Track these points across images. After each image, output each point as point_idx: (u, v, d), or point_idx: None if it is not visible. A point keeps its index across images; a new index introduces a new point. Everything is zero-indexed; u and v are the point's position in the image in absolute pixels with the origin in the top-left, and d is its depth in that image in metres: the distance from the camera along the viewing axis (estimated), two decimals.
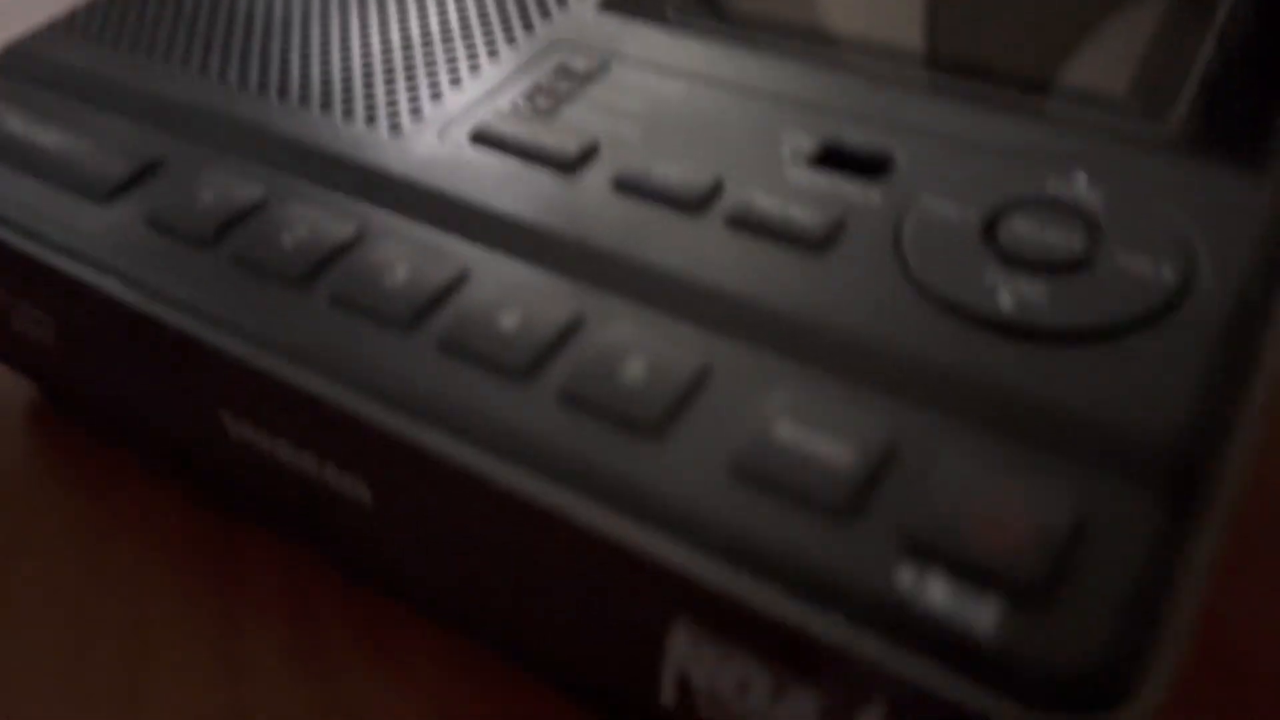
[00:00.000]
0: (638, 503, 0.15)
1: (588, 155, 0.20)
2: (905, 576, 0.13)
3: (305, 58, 0.24)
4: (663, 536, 0.14)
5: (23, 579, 0.23)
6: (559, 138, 0.20)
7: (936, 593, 0.13)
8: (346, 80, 0.23)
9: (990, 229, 0.18)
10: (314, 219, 0.19)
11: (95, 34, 0.26)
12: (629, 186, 0.19)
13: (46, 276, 0.20)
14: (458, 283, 0.18)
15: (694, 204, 0.19)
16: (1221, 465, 0.14)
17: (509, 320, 0.17)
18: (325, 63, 0.23)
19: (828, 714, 0.14)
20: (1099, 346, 0.16)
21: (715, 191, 0.19)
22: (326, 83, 0.23)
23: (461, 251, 0.18)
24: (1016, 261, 0.17)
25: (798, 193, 0.19)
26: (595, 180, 0.20)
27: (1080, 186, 0.18)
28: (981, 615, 0.13)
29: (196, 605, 0.22)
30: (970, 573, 0.13)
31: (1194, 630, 0.13)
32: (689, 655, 0.15)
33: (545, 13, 0.24)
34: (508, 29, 0.24)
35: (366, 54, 0.23)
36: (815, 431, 0.15)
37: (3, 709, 0.21)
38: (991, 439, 0.15)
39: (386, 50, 0.24)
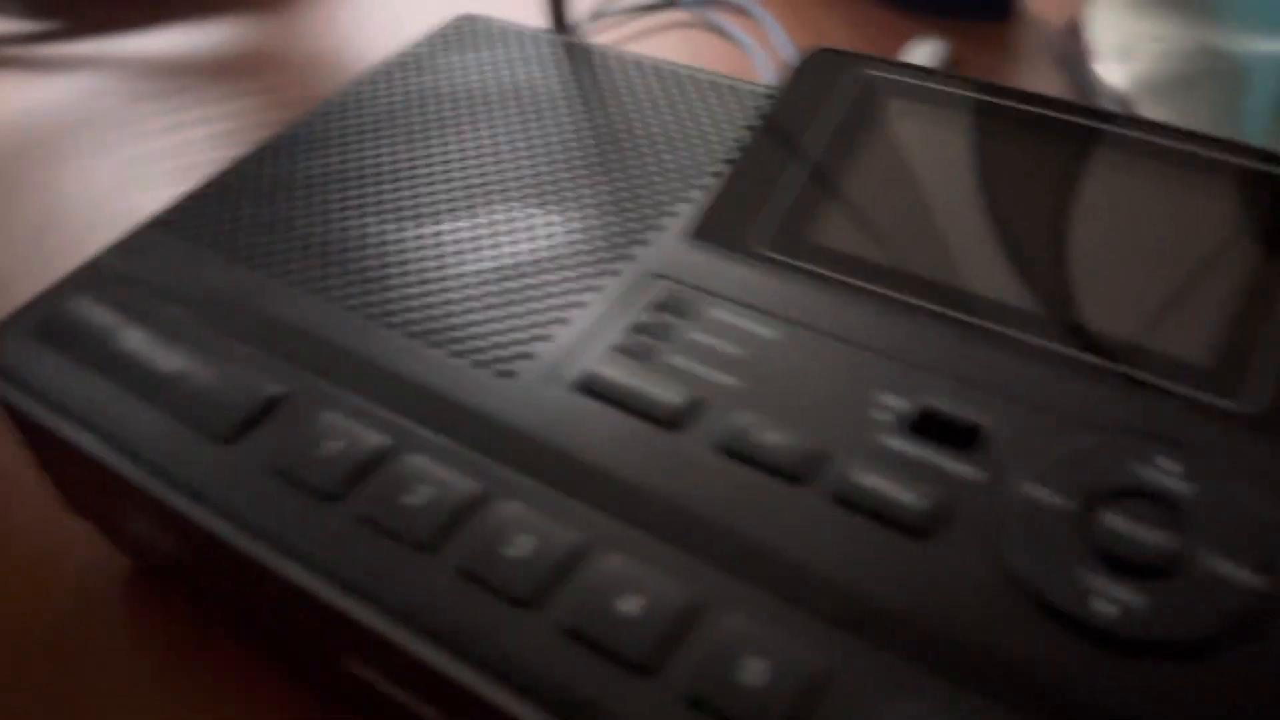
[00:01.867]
0: None
1: (691, 411, 0.21)
2: None
3: (407, 282, 0.25)
4: None
5: None
6: (661, 391, 0.21)
7: None
8: (452, 312, 0.24)
9: (1087, 520, 0.18)
10: (438, 477, 0.20)
11: (204, 235, 0.27)
12: (733, 451, 0.20)
13: (170, 516, 0.21)
14: (578, 558, 0.19)
15: (798, 475, 0.20)
16: None
17: (629, 605, 0.18)
18: (428, 289, 0.25)
19: None
20: (1195, 662, 0.16)
21: (818, 459, 0.20)
22: (433, 314, 0.24)
23: (581, 517, 0.19)
24: (1112, 560, 0.18)
25: (898, 465, 0.19)
26: (700, 440, 0.20)
27: (1172, 474, 0.19)
28: None
29: None
30: None
31: None
32: None
33: (639, 235, 0.25)
34: (607, 258, 0.25)
35: (468, 282, 0.25)
36: None
37: None
38: None
39: (488, 278, 0.25)
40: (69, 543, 0.30)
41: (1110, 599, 0.17)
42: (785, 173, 0.25)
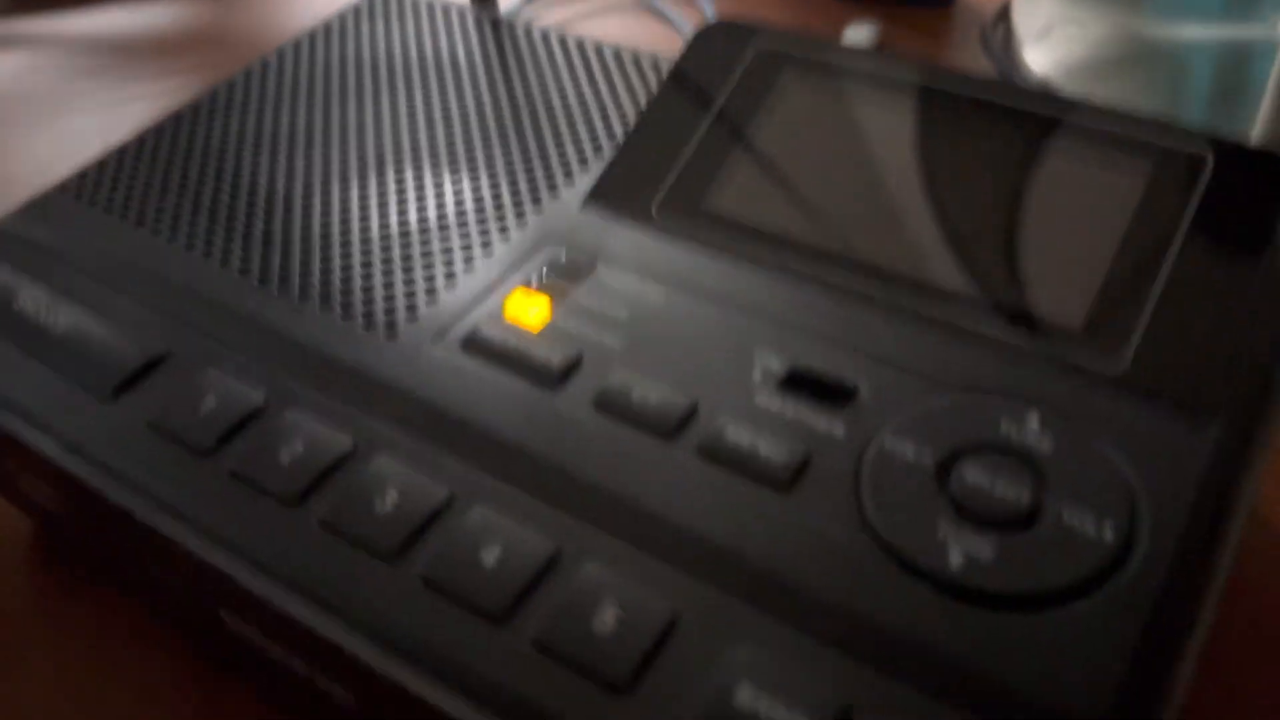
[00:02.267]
0: None
1: (572, 369, 0.21)
2: None
3: (306, 245, 0.25)
4: None
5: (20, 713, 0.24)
6: (545, 351, 0.21)
7: None
8: (346, 273, 0.24)
9: (944, 474, 0.19)
10: (309, 433, 0.20)
11: (106, 201, 0.27)
12: (608, 407, 0.20)
13: (51, 469, 0.21)
14: (443, 511, 0.19)
15: (670, 430, 0.20)
16: None
17: (490, 556, 0.18)
18: (325, 252, 0.25)
19: None
20: (1038, 613, 0.17)
21: (690, 417, 0.20)
22: (326, 276, 0.24)
23: (451, 471, 0.20)
24: (968, 513, 0.18)
25: (766, 421, 0.20)
26: (578, 398, 0.21)
27: (1031, 430, 0.19)
28: None
29: None
30: None
31: None
32: None
33: (536, 200, 0.25)
34: (501, 219, 0.25)
35: (365, 244, 0.25)
36: (772, 697, 0.16)
37: None
38: (939, 708, 0.16)
39: (385, 240, 0.25)
40: None
41: (962, 550, 0.17)
42: (679, 141, 0.25)
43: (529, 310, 0.22)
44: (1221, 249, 0.21)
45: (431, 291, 0.23)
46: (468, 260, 0.24)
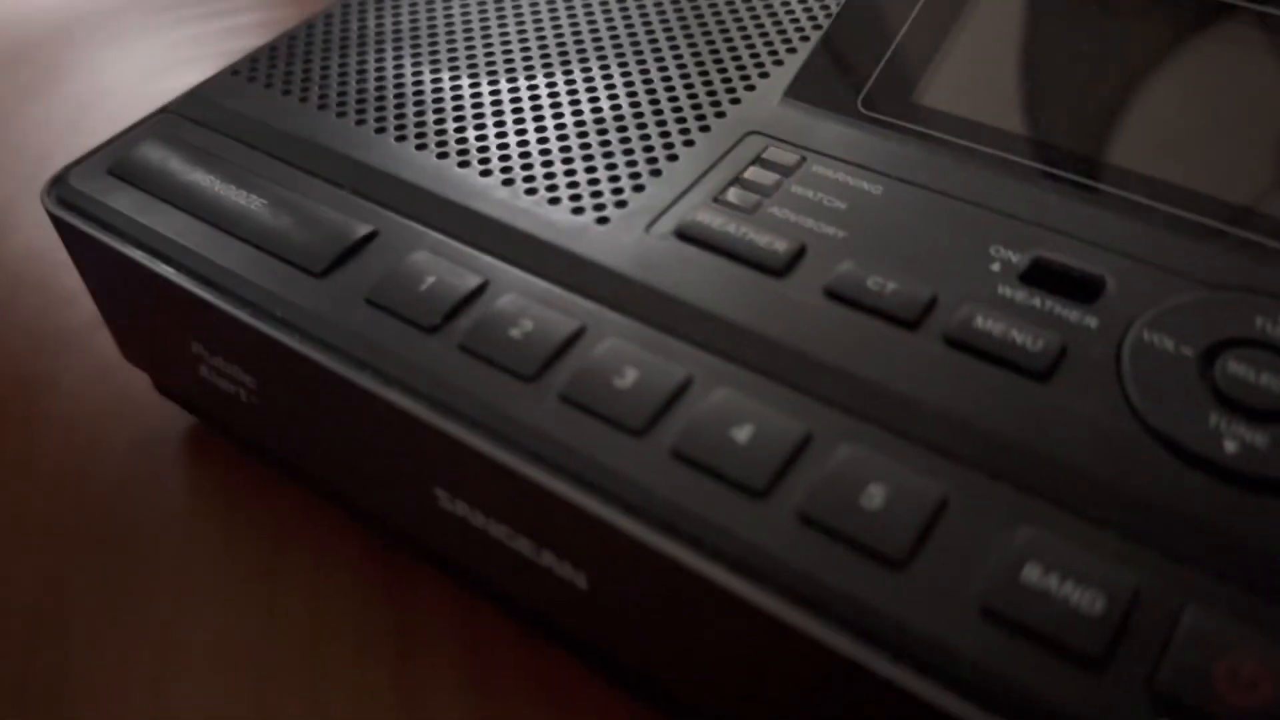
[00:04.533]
0: (884, 634, 0.15)
1: (796, 258, 0.21)
2: None
3: (502, 132, 0.24)
4: (911, 671, 0.15)
5: (196, 621, 0.24)
6: (767, 238, 0.21)
7: None
8: (547, 159, 0.23)
9: (1207, 367, 0.18)
10: (538, 313, 0.20)
11: (283, 83, 0.26)
12: (842, 296, 0.20)
13: (265, 348, 0.21)
14: (684, 389, 0.19)
15: (912, 319, 0.19)
16: None
17: (741, 434, 0.18)
18: (523, 135, 0.24)
19: None
20: None
21: (930, 306, 0.19)
22: (528, 160, 0.23)
23: (685, 355, 0.19)
24: (1235, 405, 0.17)
25: (1013, 311, 0.19)
26: (806, 286, 0.20)
27: None
28: None
29: (372, 640, 0.23)
30: None
31: None
32: None
33: (734, 98, 0.25)
34: (699, 113, 0.24)
35: (562, 134, 0.24)
36: (1063, 577, 0.15)
37: None
38: (1232, 592, 0.15)
39: (581, 126, 0.24)
40: (122, 402, 0.29)
41: (1236, 438, 0.17)
42: (883, 33, 0.25)
43: (744, 202, 0.22)
44: None
45: (637, 180, 0.23)
46: (669, 151, 0.23)
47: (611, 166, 0.23)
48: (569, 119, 0.24)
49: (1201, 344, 0.18)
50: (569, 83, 0.26)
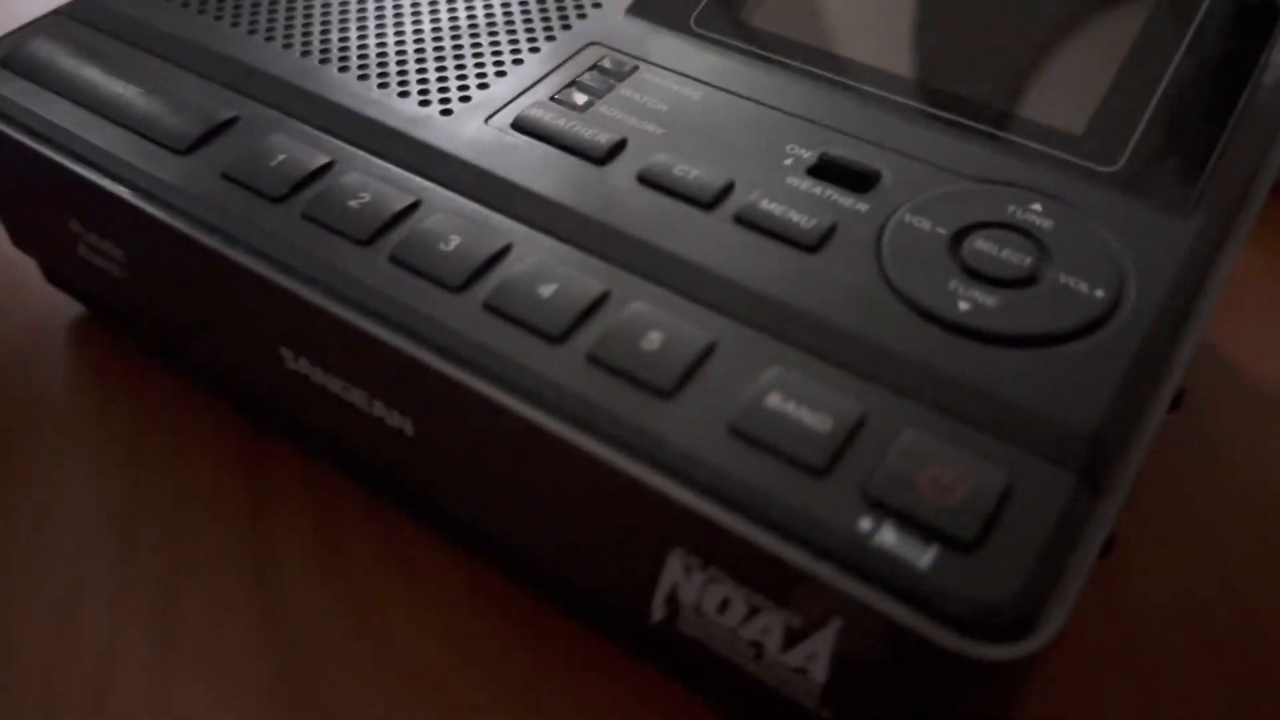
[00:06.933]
0: (651, 451, 0.18)
1: (617, 149, 0.23)
2: (864, 524, 0.17)
3: (363, 31, 0.26)
4: (669, 479, 0.18)
5: (70, 483, 0.26)
6: (592, 132, 0.23)
7: (888, 538, 0.16)
8: (402, 59, 0.25)
9: (956, 244, 0.21)
10: (377, 188, 0.22)
11: None
12: (651, 181, 0.22)
13: (132, 218, 0.23)
14: (503, 254, 0.21)
15: (708, 201, 0.22)
16: (1127, 455, 0.18)
17: (547, 290, 0.20)
18: (381, 38, 0.26)
19: (791, 632, 0.17)
20: (1038, 351, 0.19)
21: (726, 191, 0.22)
22: (384, 59, 0.25)
23: (505, 227, 0.21)
24: (976, 274, 0.20)
25: (796, 197, 0.22)
26: (622, 173, 0.22)
27: (1035, 214, 0.21)
28: (923, 557, 0.16)
29: (230, 509, 0.25)
30: (917, 525, 0.16)
31: (1088, 579, 0.17)
32: (680, 577, 0.18)
33: (581, 13, 0.27)
34: (548, 25, 0.26)
35: (419, 34, 0.26)
36: (799, 403, 0.18)
37: (57, 599, 0.24)
38: (942, 420, 0.18)
39: (437, 32, 0.26)
40: (10, 289, 0.31)
41: (970, 300, 0.20)
42: None
43: (576, 101, 0.24)
44: (1212, 71, 0.23)
45: (483, 79, 0.25)
46: (515, 56, 0.26)
47: (460, 67, 0.25)
48: (426, 24, 0.27)
49: (955, 225, 0.21)
50: None
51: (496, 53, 0.26)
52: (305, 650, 0.23)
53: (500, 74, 0.25)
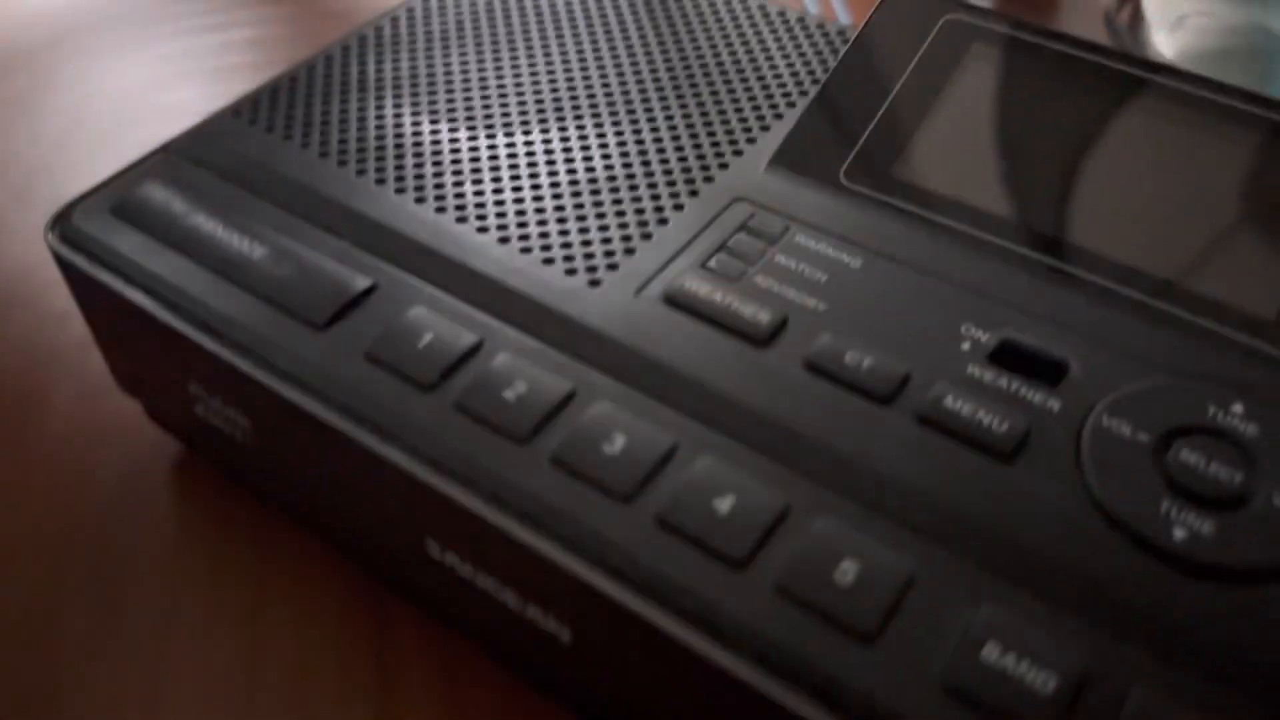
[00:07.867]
0: (854, 707, 0.16)
1: (778, 329, 0.22)
2: None
3: (498, 187, 0.25)
4: None
5: (186, 648, 0.25)
6: (751, 309, 0.22)
7: None
8: (542, 219, 0.24)
9: (1160, 454, 0.19)
10: (531, 374, 0.21)
11: (282, 130, 0.27)
12: (821, 369, 0.21)
13: (266, 397, 0.22)
14: (670, 456, 0.20)
15: (886, 395, 0.20)
16: None
17: (723, 505, 0.19)
18: (518, 192, 0.25)
19: None
20: (1261, 587, 0.17)
21: (904, 383, 0.21)
22: (523, 219, 0.24)
23: (671, 421, 0.20)
24: (1184, 491, 0.19)
25: (983, 393, 0.20)
26: (787, 357, 0.21)
27: (1237, 414, 0.20)
28: None
29: (355, 674, 0.24)
30: None
31: None
32: None
33: (723, 162, 0.26)
34: (689, 178, 0.25)
35: (556, 187, 0.25)
36: (1020, 656, 0.17)
37: None
38: (1174, 673, 0.16)
39: (575, 185, 0.25)
40: (114, 425, 0.30)
41: (1185, 526, 0.18)
42: (866, 107, 0.26)
43: (729, 270, 0.23)
44: None
45: (628, 243, 0.24)
46: (659, 215, 0.24)
47: (604, 229, 0.24)
48: (563, 177, 0.25)
49: (1157, 431, 0.20)
50: (564, 140, 0.26)
51: (639, 210, 0.25)
52: None
53: (645, 236, 0.24)
